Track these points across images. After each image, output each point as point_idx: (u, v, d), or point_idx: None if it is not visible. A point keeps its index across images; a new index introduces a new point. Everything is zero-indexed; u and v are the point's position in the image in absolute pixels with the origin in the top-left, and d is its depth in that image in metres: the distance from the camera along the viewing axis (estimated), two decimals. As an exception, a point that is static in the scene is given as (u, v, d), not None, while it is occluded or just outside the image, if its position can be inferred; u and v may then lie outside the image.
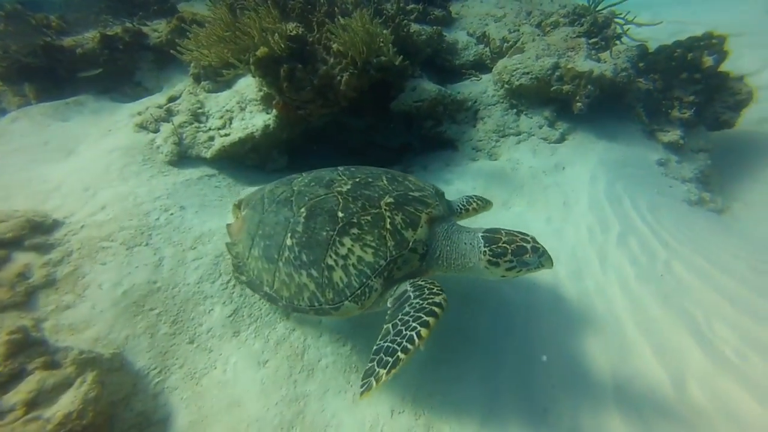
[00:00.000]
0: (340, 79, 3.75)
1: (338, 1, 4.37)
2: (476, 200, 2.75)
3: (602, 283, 3.11)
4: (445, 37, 5.33)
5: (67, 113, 4.49)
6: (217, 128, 4.01)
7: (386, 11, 4.52)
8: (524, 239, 2.12)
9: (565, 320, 2.83)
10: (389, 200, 2.26)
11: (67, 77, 4.91)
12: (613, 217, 3.69)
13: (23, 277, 2.56)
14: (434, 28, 5.20)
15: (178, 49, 3.91)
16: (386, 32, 3.84)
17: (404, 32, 4.54)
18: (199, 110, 4.17)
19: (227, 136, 3.92)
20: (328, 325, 2.65)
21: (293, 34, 3.72)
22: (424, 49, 5.00)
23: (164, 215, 3.17)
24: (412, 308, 1.93)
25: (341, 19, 3.69)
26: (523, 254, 2.07)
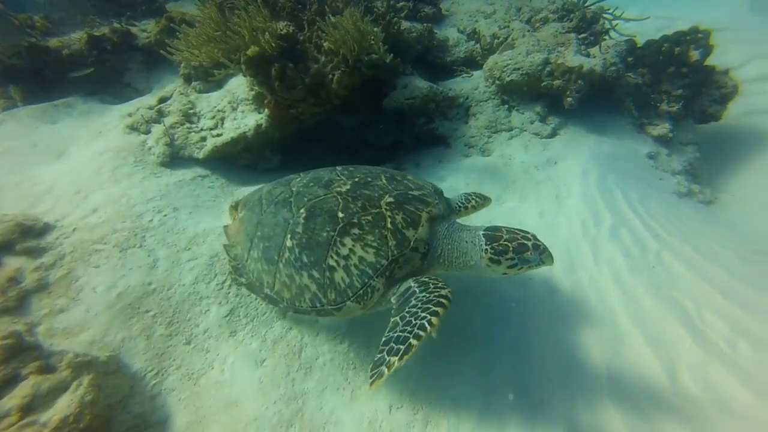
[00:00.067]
0: (331, 77, 3.74)
1: (328, -1, 4.36)
2: (475, 198, 2.76)
3: (595, 275, 3.15)
4: (435, 34, 5.34)
5: (55, 115, 4.43)
6: (209, 128, 3.98)
7: (376, 9, 4.52)
8: (525, 237, 2.13)
9: (559, 313, 2.86)
10: (389, 200, 2.26)
11: (54, 79, 4.82)
12: (605, 210, 3.74)
13: (15, 281, 2.52)
14: (425, 25, 5.21)
15: (167, 49, 3.88)
16: (377, 30, 3.84)
17: (395, 30, 4.54)
18: (190, 111, 4.14)
19: (219, 136, 3.90)
20: (325, 323, 2.65)
21: (284, 32, 3.70)
22: (414, 46, 5.00)
23: (158, 217, 3.14)
24: (419, 301, 1.95)
25: (332, 17, 3.68)
26: (524, 252, 2.08)
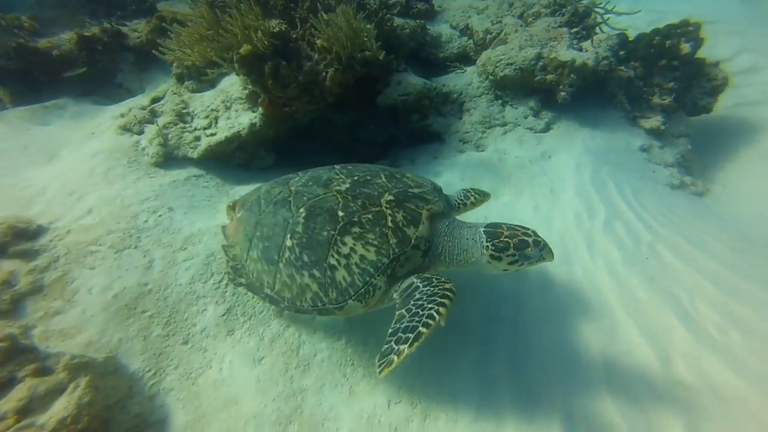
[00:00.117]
0: (325, 75, 3.74)
1: (320, -4, 4.34)
2: (474, 194, 2.75)
3: (590, 268, 3.18)
4: (428, 30, 5.34)
5: (46, 117, 4.39)
6: (202, 128, 3.96)
7: (369, 6, 4.51)
8: (525, 233, 2.14)
9: (555, 306, 2.88)
10: (389, 198, 2.25)
11: (44, 80, 4.78)
12: (599, 203, 3.77)
13: (8, 284, 2.51)
14: (417, 21, 5.21)
15: (159, 49, 3.85)
16: (370, 27, 3.83)
17: (388, 26, 4.54)
18: (183, 110, 4.11)
19: (213, 135, 3.88)
20: (322, 320, 2.66)
21: (276, 30, 3.69)
22: (408, 42, 5.00)
23: (153, 217, 3.13)
24: (423, 295, 1.96)
25: (324, 14, 3.67)
26: (525, 248, 2.09)
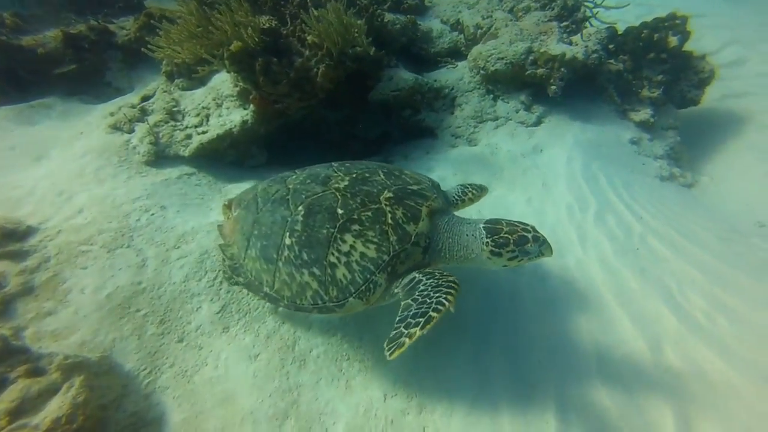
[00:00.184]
0: (316, 71, 3.72)
1: (310, -8, 4.32)
2: (471, 190, 2.74)
3: (582, 259, 3.22)
4: (419, 25, 5.33)
5: (33, 116, 4.32)
6: (194, 126, 3.94)
7: (359, 1, 4.49)
8: (525, 229, 2.15)
9: (548, 297, 2.92)
10: (389, 195, 2.25)
11: (29, 79, 4.70)
12: (590, 195, 3.81)
13: (-2, 286, 2.49)
14: (408, 17, 5.20)
15: (149, 46, 3.81)
16: (360, 22, 3.83)
17: (378, 22, 4.53)
18: (174, 108, 4.08)
19: (205, 133, 3.86)
20: (319, 317, 2.67)
21: (267, 27, 3.67)
22: (399, 38, 5.00)
23: (145, 216, 3.11)
24: (428, 286, 1.96)
25: (315, 10, 3.66)
26: (524, 244, 2.10)
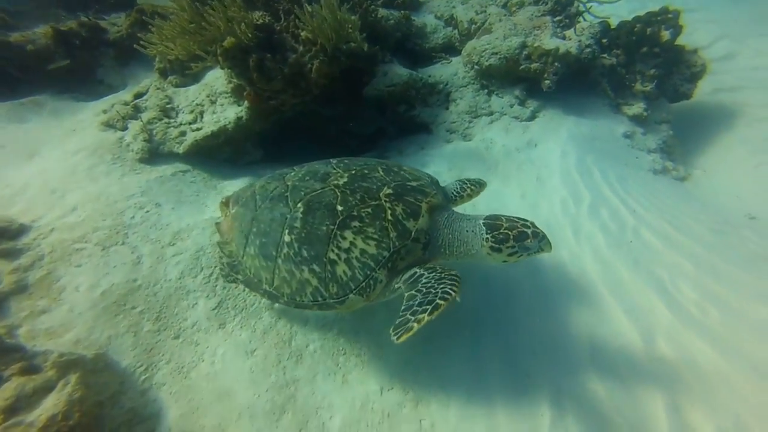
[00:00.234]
0: (310, 66, 3.71)
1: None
2: (470, 185, 2.74)
3: (576, 252, 3.24)
4: (413, 21, 5.32)
5: (23, 114, 4.28)
6: (188, 123, 3.92)
7: (353, -4, 4.48)
8: (524, 225, 2.16)
9: (543, 290, 2.94)
10: (388, 191, 2.25)
11: (20, 76, 4.65)
12: (584, 189, 3.83)
13: (-9, 284, 2.48)
14: (402, 12, 5.18)
15: (141, 43, 3.78)
16: (354, 18, 3.81)
17: (372, 17, 4.52)
18: (168, 105, 4.06)
19: (199, 130, 3.84)
20: (317, 314, 2.67)
21: (260, 23, 3.65)
22: (393, 33, 4.98)
23: (139, 213, 3.10)
24: (431, 279, 1.98)
25: (308, 6, 3.64)
26: (524, 240, 2.10)
